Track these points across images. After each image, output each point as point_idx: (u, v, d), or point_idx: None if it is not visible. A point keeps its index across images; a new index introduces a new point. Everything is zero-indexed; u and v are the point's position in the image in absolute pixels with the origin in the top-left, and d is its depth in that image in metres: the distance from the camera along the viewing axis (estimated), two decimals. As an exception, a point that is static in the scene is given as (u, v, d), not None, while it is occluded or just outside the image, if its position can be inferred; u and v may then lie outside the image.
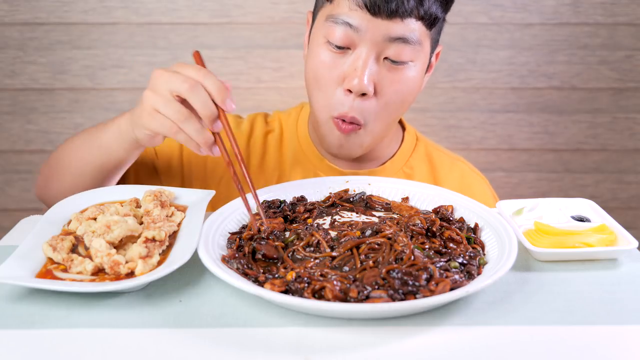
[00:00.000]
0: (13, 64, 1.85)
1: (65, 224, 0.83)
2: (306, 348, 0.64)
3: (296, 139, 1.18)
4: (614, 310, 0.71)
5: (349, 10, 0.96)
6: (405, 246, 0.75)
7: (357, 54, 0.98)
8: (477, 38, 1.88)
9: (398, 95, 1.02)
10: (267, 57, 1.88)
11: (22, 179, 1.96)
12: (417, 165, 1.19)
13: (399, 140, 1.20)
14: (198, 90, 0.81)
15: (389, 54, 0.98)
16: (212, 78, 0.82)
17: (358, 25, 0.96)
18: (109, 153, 0.98)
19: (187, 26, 1.85)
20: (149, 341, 0.65)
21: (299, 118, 1.20)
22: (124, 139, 0.94)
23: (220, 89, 0.82)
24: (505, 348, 0.64)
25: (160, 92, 0.83)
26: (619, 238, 0.83)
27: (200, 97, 0.81)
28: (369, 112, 1.01)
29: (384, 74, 0.99)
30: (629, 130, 1.98)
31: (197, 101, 0.81)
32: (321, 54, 1.01)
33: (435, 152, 1.23)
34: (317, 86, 1.03)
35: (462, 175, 1.21)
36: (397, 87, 1.00)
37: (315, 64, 1.02)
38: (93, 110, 1.88)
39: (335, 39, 0.98)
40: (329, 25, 0.99)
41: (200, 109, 0.81)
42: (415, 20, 0.97)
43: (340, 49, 0.99)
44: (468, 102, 1.95)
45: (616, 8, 1.87)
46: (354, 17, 0.96)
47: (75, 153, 1.03)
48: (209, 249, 0.76)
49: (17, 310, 0.70)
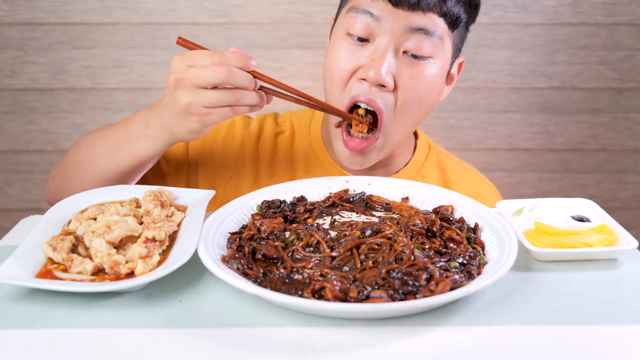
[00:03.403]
0: (13, 64, 1.85)
1: (65, 224, 0.83)
2: (306, 348, 0.64)
3: (308, 141, 1.17)
4: (614, 310, 0.71)
5: (370, 0, 0.97)
6: (405, 246, 0.75)
7: (376, 45, 0.98)
8: (477, 38, 1.88)
9: (417, 92, 1.00)
10: (267, 57, 1.88)
11: (22, 179, 1.96)
12: (430, 174, 1.18)
13: (411, 147, 1.19)
14: (233, 72, 0.85)
15: (409, 46, 0.97)
16: (229, 55, 0.86)
17: (379, 14, 0.96)
18: (142, 160, 0.98)
19: (187, 26, 1.85)
20: (149, 341, 0.65)
21: (312, 120, 1.19)
22: (159, 145, 0.95)
23: (240, 59, 0.86)
24: (505, 348, 0.64)
25: (198, 92, 0.86)
26: (619, 238, 0.83)
27: (238, 77, 0.85)
28: (387, 104, 0.99)
29: (402, 67, 0.98)
30: (629, 130, 1.98)
31: (238, 80, 0.85)
32: (340, 47, 1.01)
33: (447, 161, 1.22)
34: (331, 80, 1.02)
35: (474, 186, 1.20)
36: (416, 83, 0.99)
37: (332, 57, 1.02)
38: (93, 110, 1.88)
39: (356, 29, 0.98)
40: (350, 15, 0.99)
41: (243, 83, 0.86)
42: (438, 17, 0.97)
43: (361, 41, 0.99)
44: (468, 102, 1.95)
45: (616, 8, 1.87)
46: (375, 7, 0.96)
47: (98, 161, 1.01)
48: (209, 249, 0.76)
49: (17, 310, 0.70)
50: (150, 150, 0.96)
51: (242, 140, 1.18)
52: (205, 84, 0.85)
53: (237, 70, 0.85)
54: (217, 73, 0.84)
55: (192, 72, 0.86)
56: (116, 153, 0.99)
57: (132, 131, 0.97)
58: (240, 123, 1.19)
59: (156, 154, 0.98)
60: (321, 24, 1.86)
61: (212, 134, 1.18)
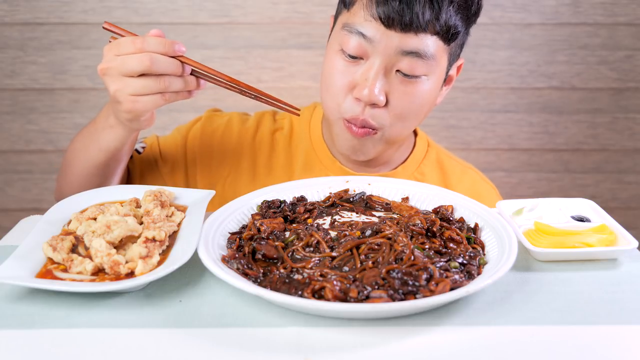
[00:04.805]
0: (13, 64, 1.85)
1: (65, 224, 0.83)
2: (306, 348, 0.64)
3: (308, 139, 1.18)
4: (614, 310, 0.71)
5: (363, 20, 0.97)
6: (405, 246, 0.75)
7: (369, 65, 0.98)
8: (477, 38, 1.88)
9: (411, 108, 1.01)
10: (267, 57, 1.88)
11: (22, 179, 1.96)
12: (429, 171, 1.18)
13: (410, 145, 1.20)
14: (156, 60, 0.84)
15: (402, 67, 0.98)
16: (151, 40, 0.85)
17: (372, 36, 0.96)
18: (111, 151, 0.99)
19: (187, 26, 1.85)
20: (149, 341, 0.65)
21: (312, 118, 1.20)
22: (120, 134, 0.96)
23: (164, 44, 0.85)
24: (505, 348, 0.64)
25: (124, 80, 0.86)
26: (619, 238, 0.83)
27: (162, 64, 0.85)
28: (381, 119, 1.01)
29: (395, 86, 0.99)
30: (629, 130, 1.98)
31: (162, 67, 0.85)
32: (335, 61, 1.02)
33: (446, 159, 1.22)
34: (328, 91, 1.04)
35: (473, 184, 1.20)
36: (409, 100, 1.00)
37: (328, 70, 1.03)
38: (93, 110, 1.88)
39: (349, 48, 0.98)
40: (344, 33, 1.00)
41: (169, 70, 0.85)
42: (431, 35, 0.96)
43: (354, 58, 0.99)
44: (468, 102, 1.95)
45: (616, 8, 1.87)
46: (368, 28, 0.96)
47: (77, 157, 1.04)
48: (209, 249, 0.76)
49: (17, 310, 0.70)
50: (115, 140, 0.97)
51: (239, 137, 1.18)
52: (130, 73, 0.85)
53: (160, 56, 0.85)
54: (140, 61, 0.84)
55: (117, 60, 0.85)
56: (89, 147, 1.00)
57: (99, 124, 0.98)
58: (237, 120, 1.20)
59: (122, 144, 0.98)
60: (321, 24, 1.86)
61: (209, 132, 1.18)
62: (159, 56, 0.85)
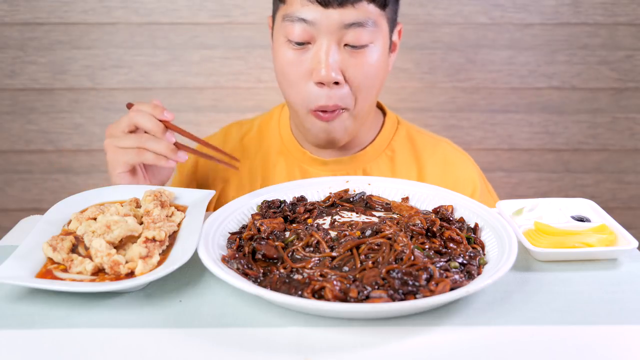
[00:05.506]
0: (13, 64, 1.85)
1: (65, 224, 0.83)
2: (306, 348, 0.64)
3: (278, 136, 1.21)
4: (614, 310, 0.71)
5: (301, 6, 1.00)
6: (405, 246, 0.75)
7: (317, 46, 1.02)
8: (477, 38, 1.88)
9: (367, 77, 1.05)
10: (267, 57, 1.87)
11: (22, 179, 1.95)
12: (399, 148, 1.21)
13: (379, 125, 1.22)
14: (140, 114, 0.95)
15: (348, 39, 1.01)
16: (143, 103, 0.97)
17: (313, 19, 1.00)
18: None
19: (187, 26, 1.85)
20: (149, 341, 0.65)
21: (281, 117, 1.23)
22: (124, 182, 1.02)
23: (154, 107, 0.96)
24: (505, 348, 0.64)
25: (114, 135, 0.98)
26: (619, 238, 0.83)
27: (143, 118, 0.95)
28: (346, 98, 1.04)
29: (347, 60, 1.03)
30: (629, 130, 1.98)
31: (142, 122, 0.95)
32: (284, 54, 1.05)
33: (417, 135, 1.24)
34: (288, 84, 1.07)
35: (445, 155, 1.22)
36: (363, 70, 1.04)
37: (281, 63, 1.06)
38: (93, 110, 1.88)
39: (295, 36, 1.02)
40: (286, 24, 1.03)
41: (149, 126, 0.95)
42: (367, 3, 1.01)
43: (301, 45, 1.03)
44: (468, 102, 1.95)
45: (616, 8, 1.87)
46: (307, 12, 1.00)
47: None
48: (209, 249, 0.76)
49: (17, 310, 0.70)
50: None
51: None
52: (120, 128, 0.97)
53: (145, 113, 0.95)
54: (126, 117, 0.96)
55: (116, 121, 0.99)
56: None
57: None
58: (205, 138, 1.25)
59: None
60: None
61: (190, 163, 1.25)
62: (144, 113, 0.95)
